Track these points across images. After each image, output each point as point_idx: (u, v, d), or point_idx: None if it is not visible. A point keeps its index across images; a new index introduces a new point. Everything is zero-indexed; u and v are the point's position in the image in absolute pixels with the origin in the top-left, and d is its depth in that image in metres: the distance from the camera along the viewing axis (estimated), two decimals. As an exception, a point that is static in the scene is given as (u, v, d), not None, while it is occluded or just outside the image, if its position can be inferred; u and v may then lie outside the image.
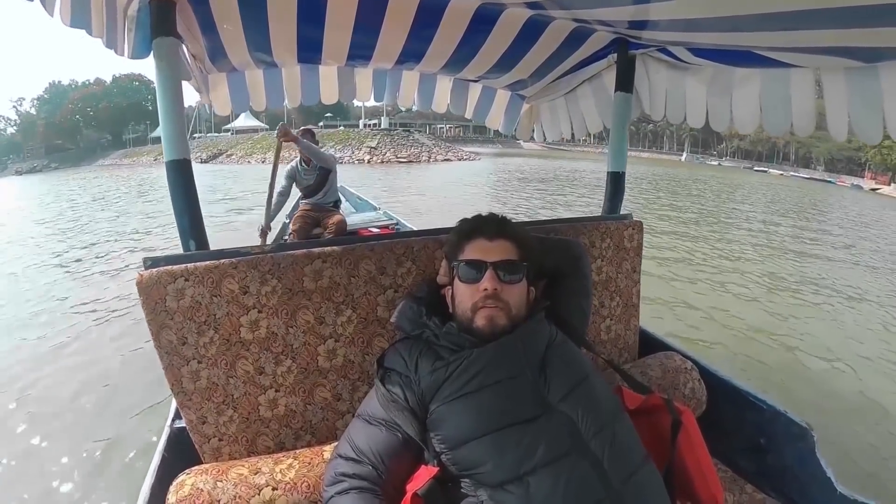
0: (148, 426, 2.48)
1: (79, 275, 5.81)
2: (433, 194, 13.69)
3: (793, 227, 10.66)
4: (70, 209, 12.69)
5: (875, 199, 25.80)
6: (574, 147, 61.22)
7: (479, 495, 0.76)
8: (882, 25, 0.84)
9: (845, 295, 5.44)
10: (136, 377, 3.01)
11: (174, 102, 1.10)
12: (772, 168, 47.20)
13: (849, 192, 29.49)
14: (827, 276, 6.26)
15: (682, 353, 1.45)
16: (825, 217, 13.47)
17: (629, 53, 1.58)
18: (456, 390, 0.83)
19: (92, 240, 8.04)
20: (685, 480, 0.88)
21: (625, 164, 1.68)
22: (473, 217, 1.00)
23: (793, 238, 9.10)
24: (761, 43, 1.14)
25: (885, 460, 2.42)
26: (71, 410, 2.75)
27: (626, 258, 1.51)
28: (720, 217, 11.35)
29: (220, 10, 1.33)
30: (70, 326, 4.06)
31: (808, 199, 18.44)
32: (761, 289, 5.43)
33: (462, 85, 2.25)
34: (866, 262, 7.57)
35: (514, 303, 0.90)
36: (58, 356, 3.48)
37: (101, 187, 19.31)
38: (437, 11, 1.44)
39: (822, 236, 9.71)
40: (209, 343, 1.00)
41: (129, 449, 2.34)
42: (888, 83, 1.08)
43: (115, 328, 3.93)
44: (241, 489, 0.88)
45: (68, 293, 5.01)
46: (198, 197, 1.14)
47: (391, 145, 31.86)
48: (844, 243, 9.11)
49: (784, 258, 7.22)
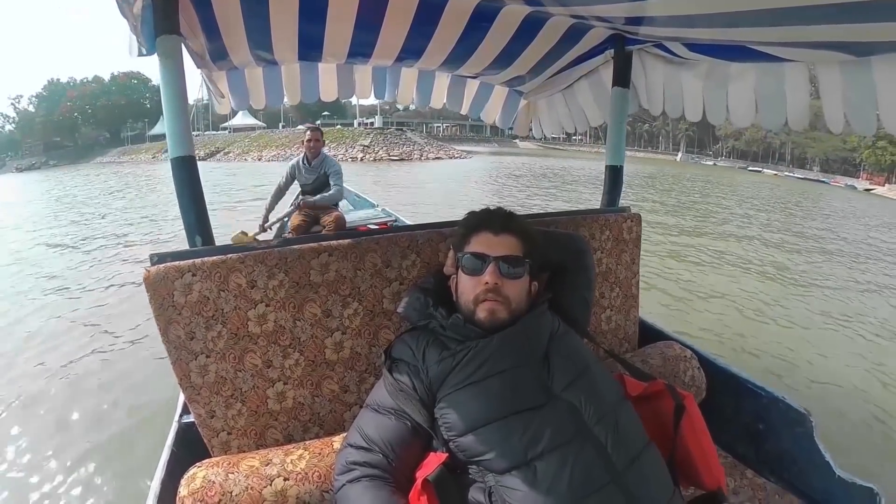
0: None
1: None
2: (417, 189, 14.19)
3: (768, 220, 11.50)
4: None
5: (866, 198, 26.19)
6: (569, 146, 62.02)
7: (487, 481, 0.78)
8: (874, 20, 0.85)
9: (774, 267, 6.48)
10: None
11: (178, 99, 1.10)
12: (766, 168, 47.64)
13: (841, 192, 29.90)
14: (780, 259, 7.05)
15: (681, 342, 1.47)
16: (806, 212, 14.20)
17: (626, 49, 1.61)
18: (463, 379, 0.85)
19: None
20: (689, 465, 0.88)
21: (623, 158, 1.71)
22: (481, 210, 1.02)
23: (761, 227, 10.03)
24: (756, 38, 1.16)
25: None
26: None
27: (625, 250, 1.53)
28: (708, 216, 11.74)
29: (222, 9, 1.34)
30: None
31: (794, 199, 18.86)
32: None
33: (460, 81, 2.27)
34: (822, 248, 8.36)
35: (515, 297, 0.92)
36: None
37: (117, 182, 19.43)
38: (437, 8, 1.46)
39: (793, 227, 10.55)
40: (217, 337, 1.00)
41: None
42: (881, 76, 1.10)
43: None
44: (253, 480, 0.88)
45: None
46: (203, 193, 1.14)
47: (384, 144, 32.47)
48: (812, 234, 9.82)
49: (750, 243, 8.06)
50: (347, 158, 29.04)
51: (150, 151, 43.65)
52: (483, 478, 0.78)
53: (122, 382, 2.90)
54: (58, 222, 9.39)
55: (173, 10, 1.11)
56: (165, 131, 1.11)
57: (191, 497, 0.85)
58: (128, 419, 2.53)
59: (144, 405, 2.60)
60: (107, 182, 19.73)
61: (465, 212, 1.04)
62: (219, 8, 1.33)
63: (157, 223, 8.71)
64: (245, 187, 14.20)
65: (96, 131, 59.50)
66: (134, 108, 59.40)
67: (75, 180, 22.02)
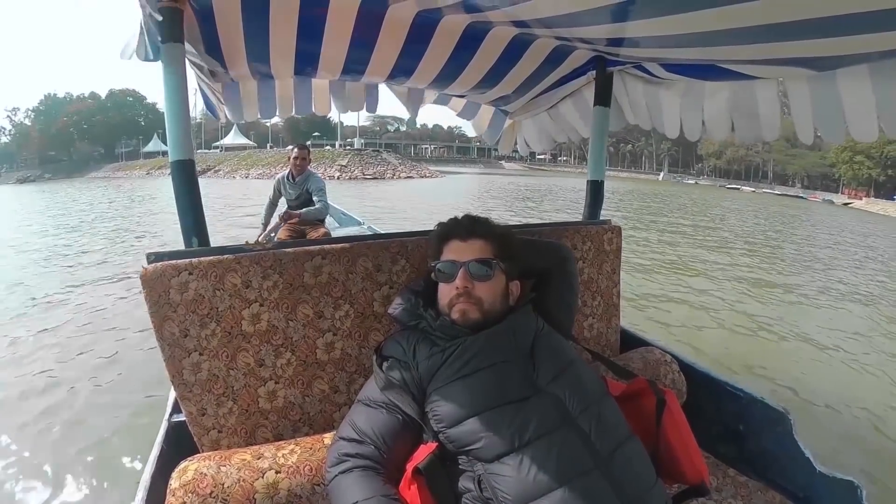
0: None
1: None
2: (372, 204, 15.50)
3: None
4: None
5: (840, 211, 27.19)
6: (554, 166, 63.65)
7: (477, 470, 0.81)
8: (837, 35, 0.92)
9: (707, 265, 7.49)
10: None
11: (180, 105, 1.14)
12: (746, 186, 48.91)
13: (818, 207, 30.72)
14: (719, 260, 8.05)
15: (661, 347, 1.51)
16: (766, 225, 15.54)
17: (607, 70, 1.69)
18: (452, 374, 0.89)
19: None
20: (671, 460, 0.91)
21: (603, 174, 1.80)
22: (449, 220, 1.06)
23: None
24: (729, 56, 1.23)
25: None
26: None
27: (606, 260, 1.58)
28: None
29: (224, 22, 1.39)
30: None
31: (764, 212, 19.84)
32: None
33: (446, 100, 2.38)
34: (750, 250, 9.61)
35: (487, 297, 0.96)
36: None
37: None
38: (429, 28, 1.52)
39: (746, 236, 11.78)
40: (211, 335, 1.02)
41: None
42: (845, 87, 1.17)
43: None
44: (245, 473, 0.89)
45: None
46: (200, 196, 1.17)
47: (360, 164, 35.54)
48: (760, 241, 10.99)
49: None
50: (326, 177, 30.56)
51: (144, 168, 45.12)
52: (472, 467, 0.81)
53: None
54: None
55: (179, 19, 1.15)
56: (167, 135, 1.15)
57: (182, 489, 0.85)
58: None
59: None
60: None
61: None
62: (221, 21, 1.38)
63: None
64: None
65: (91, 147, 60.29)
66: (129, 126, 60.42)
67: (93, 192, 23.57)
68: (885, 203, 34.51)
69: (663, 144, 62.21)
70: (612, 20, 1.14)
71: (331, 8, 1.40)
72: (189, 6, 1.23)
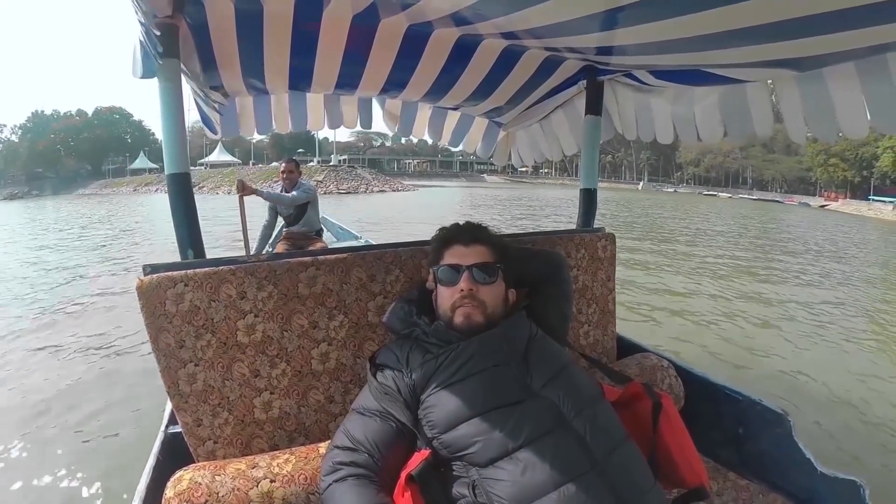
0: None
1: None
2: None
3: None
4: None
5: (814, 213, 28.09)
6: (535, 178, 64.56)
7: (471, 475, 0.80)
8: (817, 34, 0.94)
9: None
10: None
11: (176, 120, 1.15)
12: (723, 192, 49.97)
13: (795, 209, 31.61)
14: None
15: (657, 353, 1.51)
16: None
17: (597, 79, 1.71)
18: (445, 379, 0.88)
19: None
20: (669, 463, 0.90)
21: (596, 182, 1.81)
22: (451, 226, 1.08)
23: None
24: (715, 60, 1.25)
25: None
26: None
27: (600, 268, 1.58)
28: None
29: (219, 39, 1.40)
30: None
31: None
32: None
33: (441, 113, 2.38)
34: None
35: (490, 301, 0.97)
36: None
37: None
38: (421, 42, 1.54)
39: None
40: (206, 346, 1.02)
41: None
42: (834, 86, 1.19)
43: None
44: (240, 482, 0.89)
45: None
46: (196, 208, 1.18)
47: (335, 179, 37.60)
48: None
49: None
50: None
51: (131, 184, 46.04)
52: (467, 472, 0.81)
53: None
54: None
55: (174, 35, 1.16)
56: (163, 149, 1.15)
57: (177, 498, 0.85)
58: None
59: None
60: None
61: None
62: (216, 37, 1.39)
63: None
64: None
65: (78, 163, 59.92)
66: (115, 143, 60.42)
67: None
68: (858, 204, 36.11)
69: (643, 154, 63.68)
70: (600, 28, 1.17)
71: (324, 23, 1.43)
72: (184, 22, 1.24)
